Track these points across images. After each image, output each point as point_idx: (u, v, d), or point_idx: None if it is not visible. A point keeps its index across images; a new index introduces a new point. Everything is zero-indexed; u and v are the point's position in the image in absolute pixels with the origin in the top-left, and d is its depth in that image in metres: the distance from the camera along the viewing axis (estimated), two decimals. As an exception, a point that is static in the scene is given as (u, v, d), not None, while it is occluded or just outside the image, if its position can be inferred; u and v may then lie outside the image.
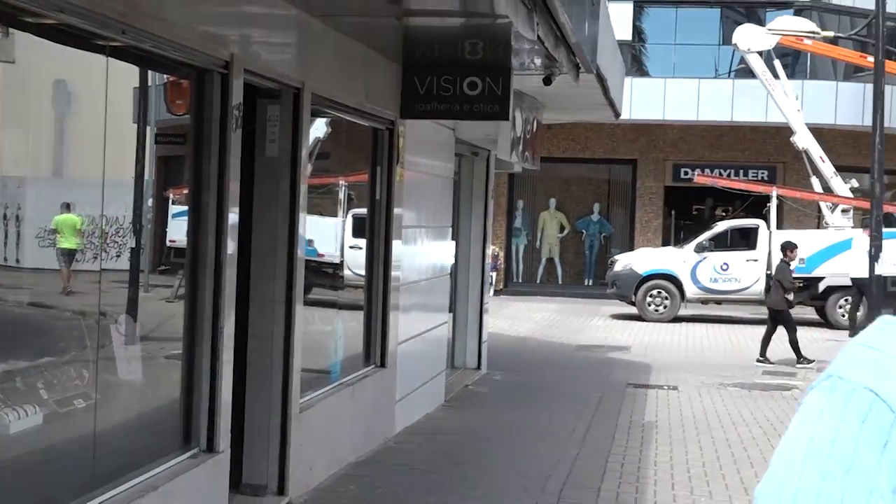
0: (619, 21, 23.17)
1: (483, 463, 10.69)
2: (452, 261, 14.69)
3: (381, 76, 10.43)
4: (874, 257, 17.89)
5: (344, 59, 9.56)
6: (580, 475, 10.09)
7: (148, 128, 7.04)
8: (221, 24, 7.15)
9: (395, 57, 10.54)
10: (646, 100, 28.36)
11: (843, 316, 25.54)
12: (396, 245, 11.26)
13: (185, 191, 7.36)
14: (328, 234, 10.73)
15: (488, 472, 10.30)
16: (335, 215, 10.97)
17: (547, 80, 11.34)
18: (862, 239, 25.79)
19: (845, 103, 30.90)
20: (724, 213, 31.18)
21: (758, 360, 18.69)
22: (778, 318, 18.98)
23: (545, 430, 12.40)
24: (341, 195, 10.98)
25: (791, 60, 30.18)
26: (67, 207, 6.28)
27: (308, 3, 8.32)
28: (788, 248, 19.67)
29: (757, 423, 13.30)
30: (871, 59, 26.61)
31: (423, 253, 12.73)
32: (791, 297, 19.20)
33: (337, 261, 11.07)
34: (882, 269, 18.11)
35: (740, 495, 9.57)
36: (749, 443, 12.05)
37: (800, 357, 18.63)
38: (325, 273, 10.98)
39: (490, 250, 17.79)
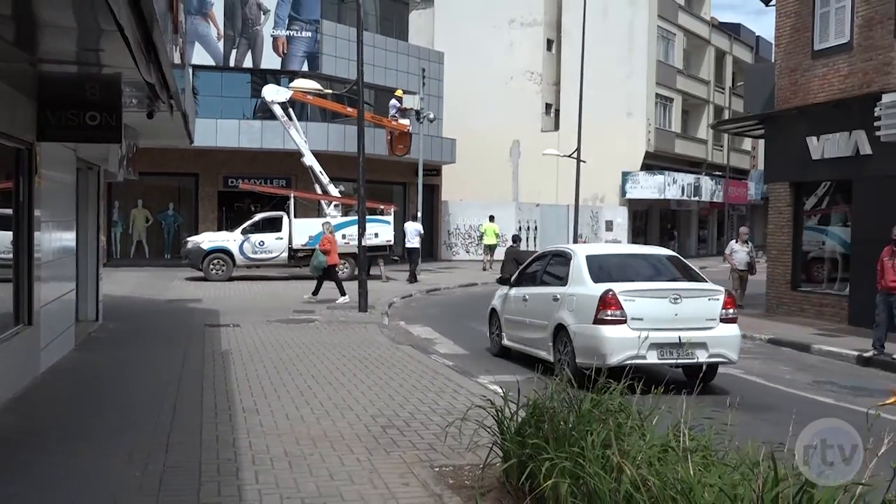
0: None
1: (113, 390, 9.56)
2: (75, 244, 13.13)
3: (22, 109, 8.97)
4: (361, 235, 18.05)
5: (-6, 94, 8.12)
6: (187, 392, 9.26)
7: None
8: None
9: (33, 95, 9.14)
10: (204, 132, 27.15)
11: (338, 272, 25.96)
12: (37, 235, 9.82)
13: None
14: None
15: (118, 395, 9.20)
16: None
17: (150, 115, 10.31)
18: (411, 224, 26.66)
19: (333, 137, 31.40)
20: (254, 209, 30.49)
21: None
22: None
23: (154, 362, 11.37)
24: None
25: (299, 108, 30.04)
26: None
27: (-38, 49, 6.95)
28: (518, 238, 20.63)
29: (297, 346, 13.02)
30: (349, 109, 27.20)
31: (55, 239, 11.20)
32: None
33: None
34: (368, 242, 18.34)
35: (297, 395, 9.21)
36: (294, 359, 11.74)
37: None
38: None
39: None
